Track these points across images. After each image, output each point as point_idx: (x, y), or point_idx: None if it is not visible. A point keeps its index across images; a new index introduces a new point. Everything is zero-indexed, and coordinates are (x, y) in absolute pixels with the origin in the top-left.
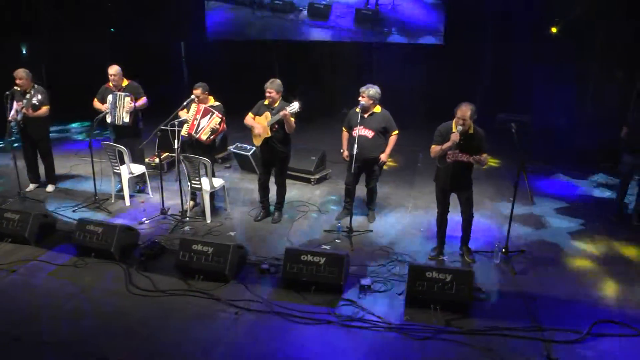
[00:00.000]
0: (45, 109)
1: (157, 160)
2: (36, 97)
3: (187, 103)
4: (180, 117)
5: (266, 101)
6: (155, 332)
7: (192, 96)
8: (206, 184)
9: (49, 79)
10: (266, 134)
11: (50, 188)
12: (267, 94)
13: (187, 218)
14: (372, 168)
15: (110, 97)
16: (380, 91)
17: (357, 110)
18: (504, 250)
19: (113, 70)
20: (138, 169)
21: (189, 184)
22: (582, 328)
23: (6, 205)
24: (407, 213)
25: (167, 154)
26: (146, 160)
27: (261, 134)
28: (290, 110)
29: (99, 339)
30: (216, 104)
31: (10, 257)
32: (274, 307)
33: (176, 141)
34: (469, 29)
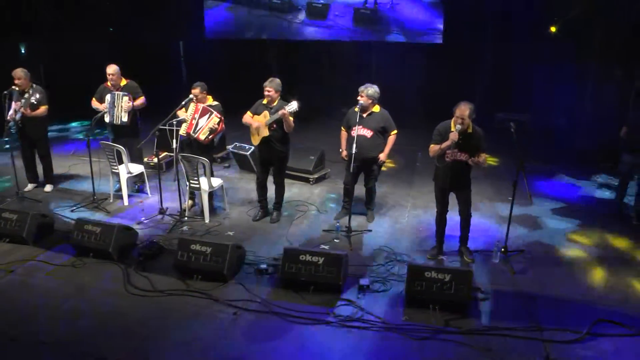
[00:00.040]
0: (44, 108)
1: (155, 159)
2: (34, 97)
3: (185, 102)
4: (178, 117)
5: (265, 100)
6: (153, 333)
7: (191, 95)
8: (205, 184)
9: (47, 78)
10: (264, 133)
11: (48, 188)
12: (266, 92)
13: (185, 218)
14: (371, 168)
15: (108, 97)
16: (379, 90)
17: (356, 109)
18: (503, 250)
19: (111, 70)
20: (136, 168)
21: (187, 183)
22: (581, 328)
23: (4, 205)
24: (406, 213)
25: (166, 154)
26: (145, 159)
27: (260, 131)
28: (289, 109)
29: (97, 339)
30: (214, 103)
31: (8, 257)
32: (273, 307)
33: (174, 141)
34: (468, 28)
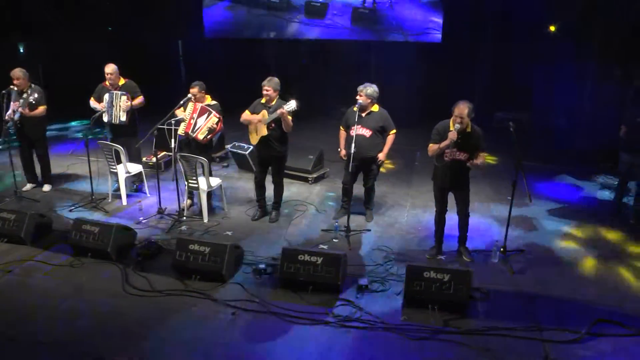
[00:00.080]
0: (42, 108)
1: (154, 159)
2: (33, 96)
3: (183, 102)
4: (176, 116)
5: (263, 99)
6: (151, 333)
7: (189, 95)
8: (203, 184)
9: (46, 78)
10: (263, 132)
11: (46, 188)
12: (265, 91)
13: (184, 217)
14: (370, 167)
15: (107, 96)
16: (378, 90)
17: (355, 109)
18: (502, 249)
19: (110, 69)
20: (135, 168)
21: (186, 183)
22: (580, 328)
23: (2, 204)
24: (405, 212)
25: (164, 153)
26: (143, 159)
27: (258, 130)
28: (287, 108)
29: (95, 339)
30: (213, 102)
31: (6, 257)
32: (271, 307)
33: (173, 140)
34: (467, 27)
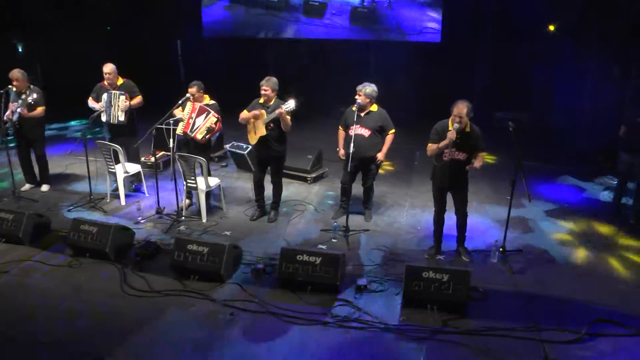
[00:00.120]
0: (41, 109)
1: (152, 159)
2: (31, 97)
3: (182, 101)
4: (175, 116)
5: (261, 99)
6: (150, 333)
7: (188, 94)
8: (202, 183)
9: (44, 77)
10: (262, 132)
11: (45, 188)
12: (263, 91)
13: (182, 217)
14: (369, 167)
15: (105, 96)
16: (377, 89)
17: (354, 108)
18: (501, 249)
19: (108, 69)
20: (133, 168)
21: (184, 183)
22: (579, 328)
23: (1, 204)
24: (404, 212)
25: (163, 153)
26: (142, 159)
27: (257, 130)
28: (286, 108)
29: (95, 339)
30: (211, 102)
31: (4, 257)
32: (270, 307)
33: (171, 140)
34: (466, 26)
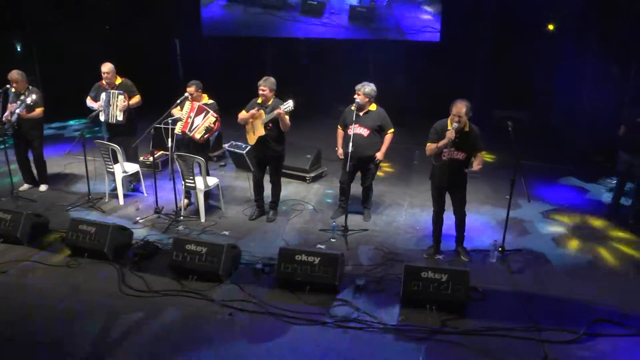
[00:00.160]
0: (40, 110)
1: (151, 158)
2: (30, 98)
3: (180, 101)
4: (173, 115)
5: (259, 99)
6: (148, 333)
7: (186, 94)
8: (200, 183)
9: (43, 77)
10: (261, 132)
11: (43, 188)
12: (261, 91)
13: (181, 217)
14: (368, 166)
15: (103, 95)
16: (375, 89)
17: (353, 108)
18: (500, 249)
19: (106, 68)
20: (132, 167)
21: (183, 182)
22: (578, 328)
23: None
24: (403, 212)
25: (162, 153)
26: (140, 158)
27: (256, 130)
28: (284, 108)
29: (93, 339)
30: (210, 101)
31: (2, 257)
32: (268, 307)
33: (170, 139)
34: (466, 26)
